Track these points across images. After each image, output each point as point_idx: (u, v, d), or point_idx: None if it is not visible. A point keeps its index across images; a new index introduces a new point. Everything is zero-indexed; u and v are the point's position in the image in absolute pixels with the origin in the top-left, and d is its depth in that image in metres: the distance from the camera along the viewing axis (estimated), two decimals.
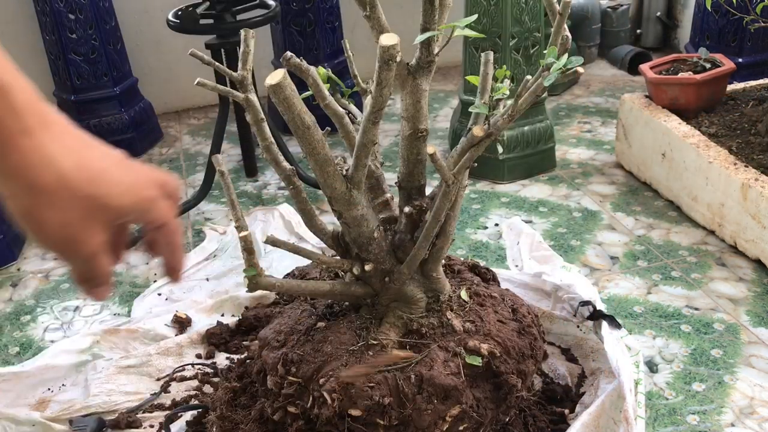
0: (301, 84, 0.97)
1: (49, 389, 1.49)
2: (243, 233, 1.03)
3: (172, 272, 0.66)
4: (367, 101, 0.94)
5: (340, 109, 1.05)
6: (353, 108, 1.20)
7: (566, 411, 1.34)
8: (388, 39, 0.79)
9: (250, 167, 2.62)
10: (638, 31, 3.87)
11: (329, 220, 1.17)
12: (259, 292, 1.71)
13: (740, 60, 2.95)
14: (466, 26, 0.86)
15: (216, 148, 2.33)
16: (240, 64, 1.03)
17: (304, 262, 1.73)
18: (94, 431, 1.36)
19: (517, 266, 1.87)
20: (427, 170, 1.14)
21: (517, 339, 1.15)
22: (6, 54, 0.46)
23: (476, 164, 1.04)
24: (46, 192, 0.46)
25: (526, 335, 1.17)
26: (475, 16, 0.98)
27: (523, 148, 2.47)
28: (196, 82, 1.02)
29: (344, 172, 1.00)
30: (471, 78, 1.11)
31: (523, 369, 1.13)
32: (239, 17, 2.31)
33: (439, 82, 3.58)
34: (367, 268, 1.09)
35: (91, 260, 0.53)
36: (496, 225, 2.21)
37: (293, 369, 1.10)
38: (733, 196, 1.96)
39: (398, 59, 0.85)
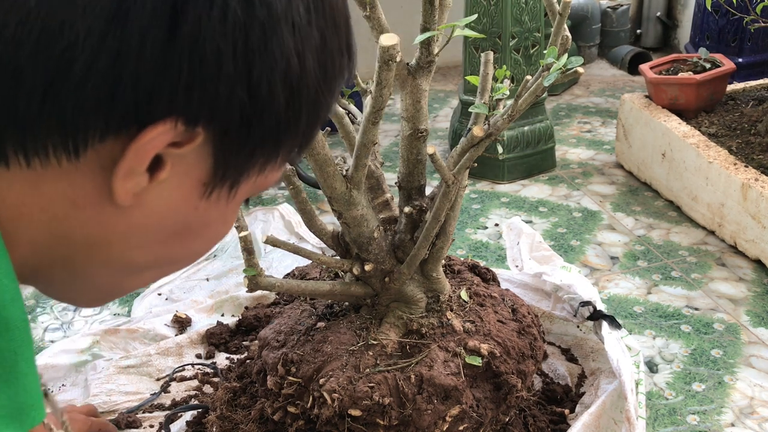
0: None
1: (49, 389, 1.49)
2: (243, 233, 1.03)
3: None
4: (367, 101, 0.94)
5: (340, 109, 1.05)
6: (353, 108, 1.20)
7: (566, 411, 1.34)
8: (388, 39, 0.79)
9: None
10: (638, 31, 3.87)
11: (329, 220, 1.17)
12: (259, 292, 1.71)
13: (740, 60, 2.95)
14: (466, 26, 0.86)
15: None
16: None
17: (304, 262, 1.73)
18: None
19: (517, 266, 1.87)
20: (427, 170, 1.14)
21: (517, 339, 1.15)
22: None
23: (476, 164, 1.04)
24: None
25: (526, 335, 1.17)
26: (475, 16, 0.98)
27: (523, 148, 2.47)
28: None
29: (344, 172, 1.00)
30: (471, 78, 1.11)
31: (523, 369, 1.13)
32: None
33: (439, 82, 3.58)
34: (367, 268, 1.09)
35: None
36: (496, 225, 2.21)
37: (293, 369, 1.10)
38: (733, 196, 1.96)
39: (398, 59, 0.85)
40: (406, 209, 1.10)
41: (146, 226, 0.43)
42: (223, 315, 1.73)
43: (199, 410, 1.40)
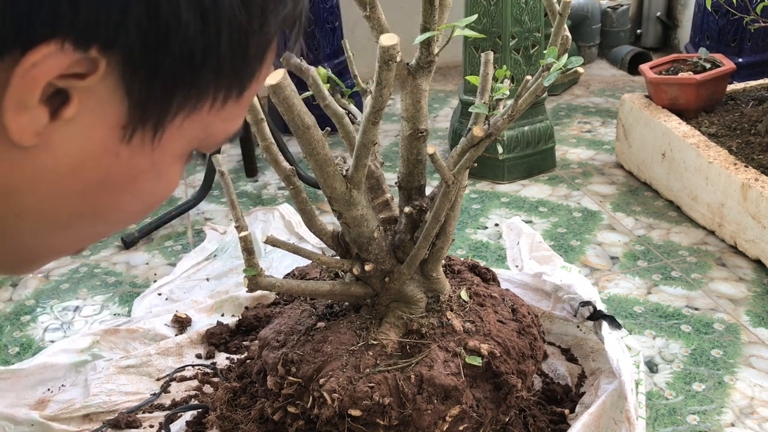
0: (301, 84, 0.97)
1: (48, 389, 1.49)
2: (243, 233, 1.03)
3: None
4: (367, 101, 0.94)
5: (340, 109, 1.05)
6: (353, 108, 1.20)
7: (566, 411, 1.34)
8: (388, 39, 0.79)
9: (250, 167, 2.63)
10: (638, 31, 3.87)
11: (329, 220, 1.17)
12: (259, 292, 1.71)
13: (740, 60, 2.95)
14: (466, 26, 0.86)
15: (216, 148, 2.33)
16: None
17: (304, 262, 1.73)
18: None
19: (517, 266, 1.87)
20: (427, 170, 1.14)
21: (517, 339, 1.15)
22: None
23: (476, 164, 1.04)
24: None
25: (526, 335, 1.17)
26: (475, 16, 0.98)
27: (523, 148, 2.47)
28: None
29: (344, 172, 1.00)
30: (471, 78, 1.11)
31: (523, 369, 1.13)
32: None
33: (439, 82, 3.58)
34: (367, 268, 1.09)
35: None
36: (496, 225, 2.21)
37: (293, 369, 1.10)
38: (733, 196, 1.96)
39: (398, 59, 0.85)
40: (406, 209, 1.10)
41: (57, 171, 0.38)
42: (223, 315, 1.73)
43: (199, 410, 1.40)
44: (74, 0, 0.33)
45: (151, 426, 1.39)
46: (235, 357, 1.58)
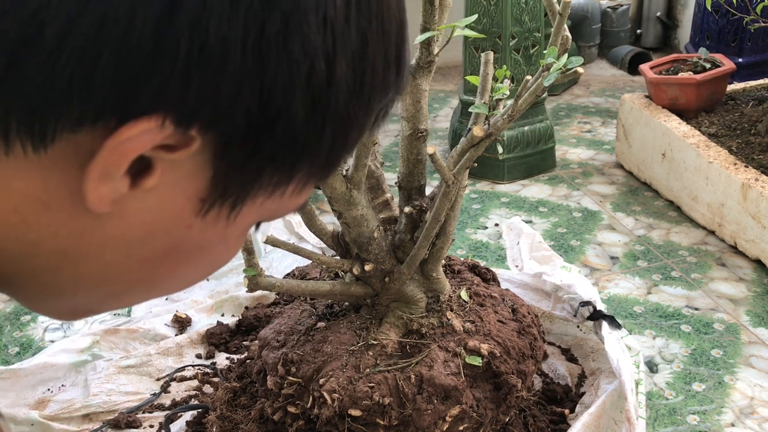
0: None
1: (48, 389, 1.49)
2: None
3: None
4: None
5: None
6: None
7: (566, 411, 1.34)
8: None
9: None
10: (638, 31, 3.87)
11: (329, 220, 1.17)
12: (259, 292, 1.71)
13: (740, 60, 2.95)
14: (466, 26, 0.86)
15: None
16: None
17: (304, 262, 1.72)
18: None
19: (517, 266, 1.87)
20: (427, 170, 1.14)
21: (517, 339, 1.15)
22: None
23: (476, 164, 1.04)
24: None
25: (526, 335, 1.17)
26: (475, 16, 0.98)
27: (523, 148, 2.47)
28: None
29: (344, 172, 1.00)
30: (471, 78, 1.11)
31: (523, 369, 1.13)
32: None
33: (439, 82, 3.58)
34: (367, 268, 1.09)
35: None
36: (496, 225, 2.21)
37: (293, 369, 1.10)
38: (733, 196, 1.96)
39: None
40: (406, 209, 1.10)
41: (126, 240, 0.36)
42: (223, 315, 1.73)
43: (199, 410, 1.40)
44: (186, 78, 0.31)
45: (151, 426, 1.39)
46: (235, 357, 1.58)
